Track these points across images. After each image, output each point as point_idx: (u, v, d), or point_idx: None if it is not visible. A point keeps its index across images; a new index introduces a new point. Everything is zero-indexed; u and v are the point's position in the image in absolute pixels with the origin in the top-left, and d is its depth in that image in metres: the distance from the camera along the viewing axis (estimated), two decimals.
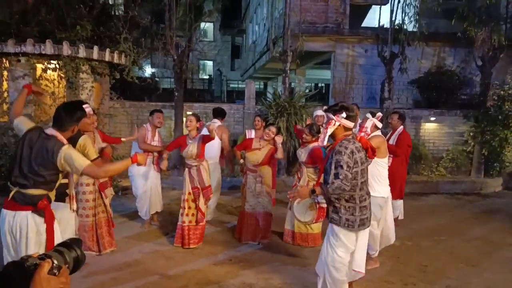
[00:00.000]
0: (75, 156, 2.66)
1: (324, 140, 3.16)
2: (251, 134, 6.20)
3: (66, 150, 2.65)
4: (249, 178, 5.09)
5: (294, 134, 8.65)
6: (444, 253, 5.17)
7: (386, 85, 9.60)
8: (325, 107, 6.38)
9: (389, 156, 5.24)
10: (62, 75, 7.35)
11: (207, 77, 28.13)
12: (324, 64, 14.41)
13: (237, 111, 10.32)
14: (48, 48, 7.02)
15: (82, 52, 7.31)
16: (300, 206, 3.39)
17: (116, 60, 8.07)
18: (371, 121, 4.21)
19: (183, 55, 9.30)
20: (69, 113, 2.76)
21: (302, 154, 4.96)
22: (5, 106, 7.58)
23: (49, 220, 2.71)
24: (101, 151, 4.09)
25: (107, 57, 7.84)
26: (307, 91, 13.33)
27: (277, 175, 9.06)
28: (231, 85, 28.39)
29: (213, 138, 4.69)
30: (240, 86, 26.63)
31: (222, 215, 6.49)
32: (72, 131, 2.79)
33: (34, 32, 7.39)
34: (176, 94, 9.34)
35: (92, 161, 3.23)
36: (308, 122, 5.27)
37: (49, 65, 7.30)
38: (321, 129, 6.15)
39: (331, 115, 3.16)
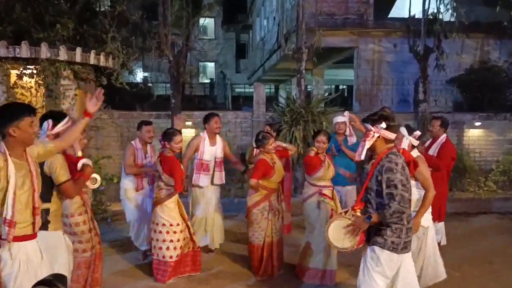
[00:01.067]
0: None
1: (361, 154, 3.26)
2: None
3: None
4: (273, 199, 5.08)
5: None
6: (497, 285, 5.04)
7: (421, 85, 9.54)
8: (346, 113, 6.40)
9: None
10: (40, 81, 7.43)
11: (208, 81, 28.34)
12: (346, 62, 14.39)
13: (245, 120, 10.32)
14: (24, 50, 7.11)
15: (63, 55, 7.40)
16: (336, 230, 3.36)
17: (102, 63, 8.14)
18: (407, 140, 4.21)
19: (180, 55, 9.37)
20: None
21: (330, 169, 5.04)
22: None
23: None
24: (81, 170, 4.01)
25: (92, 60, 7.92)
26: (326, 94, 13.27)
27: (293, 194, 9.00)
28: (237, 90, 28.54)
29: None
30: (247, 90, 26.74)
31: (230, 243, 6.43)
32: (11, 136, 2.82)
33: (7, 32, 7.50)
34: (173, 101, 9.38)
35: (61, 184, 3.31)
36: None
37: (25, 71, 7.40)
38: (348, 138, 6.18)
39: (369, 126, 3.27)
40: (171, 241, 4.81)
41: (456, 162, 8.87)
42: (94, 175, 3.80)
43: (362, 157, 3.28)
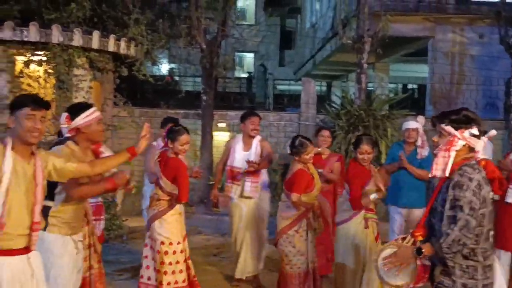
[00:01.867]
0: None
1: (447, 169, 3.01)
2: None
3: None
4: (310, 216, 5.00)
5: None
6: None
7: None
8: (421, 118, 6.22)
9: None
10: (50, 70, 7.63)
11: (245, 75, 28.48)
12: (418, 55, 14.12)
13: (290, 123, 10.27)
14: (33, 33, 7.32)
15: (77, 39, 7.57)
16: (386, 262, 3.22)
17: (123, 51, 8.29)
18: (482, 143, 4.03)
19: (214, 44, 9.43)
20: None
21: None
22: None
23: None
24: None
25: (111, 47, 8.07)
26: (391, 94, 13.03)
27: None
28: (280, 87, 28.51)
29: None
30: (292, 88, 26.65)
31: (269, 273, 6.36)
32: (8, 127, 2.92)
33: (14, 12, 7.74)
34: (204, 98, 9.45)
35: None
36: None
37: (33, 57, 7.61)
38: (418, 150, 6.02)
39: (452, 130, 3.04)
40: (170, 263, 4.72)
41: None
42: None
43: (447, 173, 3.01)
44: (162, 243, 4.74)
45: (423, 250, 2.98)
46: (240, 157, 5.73)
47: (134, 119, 9.62)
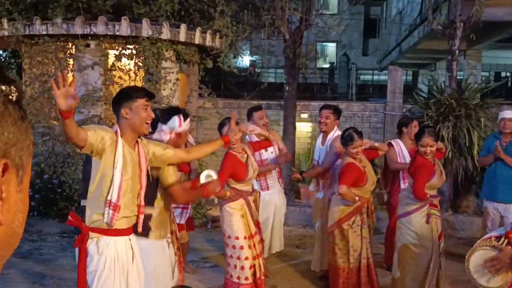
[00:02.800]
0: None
1: None
2: (400, 148, 5.94)
3: None
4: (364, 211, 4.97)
5: (465, 149, 8.14)
6: None
7: None
8: None
9: None
10: (140, 63, 7.95)
11: (327, 65, 28.24)
12: None
13: (375, 113, 10.09)
14: (124, 28, 7.66)
15: (166, 33, 7.82)
16: (478, 262, 3.08)
17: (208, 43, 8.48)
18: None
19: (297, 34, 9.40)
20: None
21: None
22: None
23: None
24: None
25: (197, 39, 8.28)
26: (483, 83, 12.37)
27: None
28: (363, 77, 28.02)
29: None
30: (375, 78, 26.12)
31: None
32: (124, 118, 3.16)
33: (107, 6, 8.11)
34: (287, 88, 9.46)
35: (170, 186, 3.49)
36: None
37: (124, 51, 7.96)
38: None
39: None
40: (238, 258, 4.66)
41: None
42: (209, 172, 3.83)
43: None
44: (229, 237, 4.70)
45: None
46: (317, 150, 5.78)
47: (218, 110, 9.81)
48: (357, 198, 4.75)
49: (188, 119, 3.92)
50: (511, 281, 2.99)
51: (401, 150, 5.88)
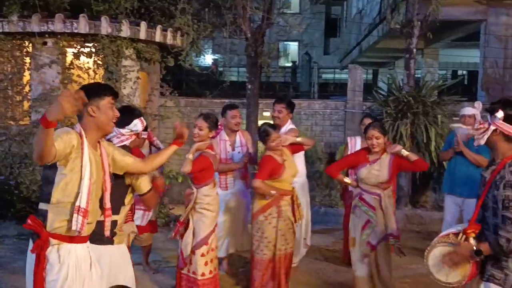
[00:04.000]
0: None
1: (481, 140, 3.02)
2: (355, 143, 6.10)
3: None
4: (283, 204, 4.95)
5: (423, 145, 8.32)
6: None
7: None
8: (478, 103, 6.09)
9: None
10: (99, 62, 7.83)
11: (290, 64, 28.39)
12: (468, 40, 13.76)
13: (335, 111, 10.20)
14: (82, 25, 7.53)
15: (125, 31, 7.73)
16: (437, 259, 3.16)
17: (169, 41, 8.42)
18: None
19: (259, 32, 9.43)
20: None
21: (376, 173, 4.71)
22: (26, 105, 8.25)
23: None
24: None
25: (157, 37, 8.21)
26: (440, 81, 12.64)
27: (397, 206, 8.76)
28: (325, 75, 28.30)
29: None
30: (337, 76, 26.41)
31: (315, 262, 6.38)
32: (90, 115, 2.97)
33: (64, 4, 7.96)
34: (249, 87, 9.47)
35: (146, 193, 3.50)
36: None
37: (83, 49, 7.82)
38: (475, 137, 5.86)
39: (487, 115, 3.02)
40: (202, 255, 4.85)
41: None
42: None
43: (482, 142, 3.02)
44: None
45: (482, 251, 2.94)
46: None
47: (180, 109, 9.76)
48: (273, 192, 4.80)
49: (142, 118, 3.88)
50: (470, 275, 3.07)
51: (354, 147, 6.05)
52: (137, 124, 3.77)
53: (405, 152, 4.66)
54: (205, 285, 4.74)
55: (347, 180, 5.08)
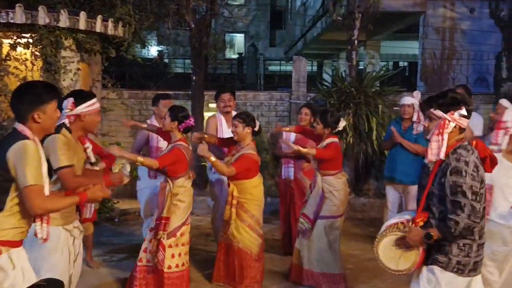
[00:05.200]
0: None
1: (441, 152, 3.06)
2: (289, 134, 6.24)
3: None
4: None
5: (365, 135, 8.51)
6: None
7: (504, 60, 9.28)
8: (417, 93, 6.27)
9: None
10: (37, 53, 7.57)
11: (236, 56, 28.38)
12: (408, 32, 14.12)
13: (281, 102, 10.27)
14: (18, 15, 7.24)
15: (64, 21, 7.50)
16: (389, 247, 3.25)
17: (110, 31, 8.23)
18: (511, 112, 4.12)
19: (203, 23, 9.38)
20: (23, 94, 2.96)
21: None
22: None
23: None
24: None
25: (98, 27, 8.01)
26: (382, 72, 12.97)
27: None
28: (271, 67, 28.46)
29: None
30: (283, 68, 26.61)
31: None
32: (35, 122, 2.91)
33: None
34: (194, 78, 9.42)
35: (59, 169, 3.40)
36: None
37: (19, 40, 7.54)
38: (414, 125, 6.07)
39: (441, 114, 3.09)
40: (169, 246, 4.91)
41: None
42: (123, 163, 3.86)
43: (442, 156, 3.06)
44: None
45: (432, 234, 3.05)
46: (228, 133, 5.89)
47: (124, 101, 9.61)
48: None
49: (90, 101, 3.67)
50: (419, 262, 3.18)
51: (288, 137, 6.20)
52: (65, 103, 3.63)
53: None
54: (171, 279, 4.68)
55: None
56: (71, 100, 3.62)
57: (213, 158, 4.69)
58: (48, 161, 3.24)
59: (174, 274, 4.70)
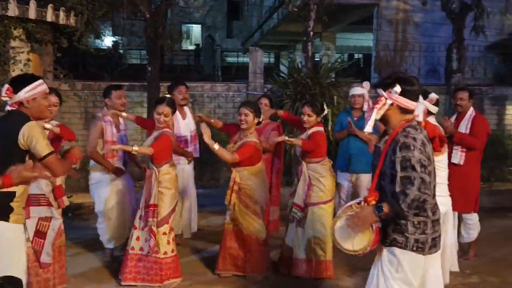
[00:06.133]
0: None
1: (369, 125, 3.22)
2: None
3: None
4: None
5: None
6: None
7: (454, 52, 9.51)
8: (366, 83, 6.38)
9: (461, 151, 5.49)
10: None
11: (193, 47, 28.18)
12: (363, 24, 14.31)
13: (238, 93, 10.28)
14: None
15: (13, 10, 7.28)
16: (344, 228, 3.30)
17: (62, 21, 8.04)
18: (422, 106, 4.23)
19: (159, 13, 9.27)
20: None
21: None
22: None
23: None
24: (66, 153, 3.97)
25: (49, 17, 7.81)
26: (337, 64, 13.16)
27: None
28: (229, 59, 28.40)
29: None
30: (240, 59, 26.61)
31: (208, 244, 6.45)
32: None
33: None
34: (149, 69, 9.31)
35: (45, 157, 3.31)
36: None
37: None
38: (366, 115, 6.17)
39: (381, 91, 3.21)
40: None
41: (496, 147, 8.96)
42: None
43: (370, 129, 3.23)
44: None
45: (382, 206, 3.11)
46: (183, 125, 5.96)
47: (76, 92, 9.44)
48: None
49: (32, 85, 3.39)
50: (373, 242, 3.24)
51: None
52: (3, 88, 3.49)
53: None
54: (167, 264, 4.84)
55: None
56: (6, 86, 3.40)
57: (216, 146, 4.74)
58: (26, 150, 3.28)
59: (169, 259, 4.87)
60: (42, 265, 4.46)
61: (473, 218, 5.71)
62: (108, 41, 20.95)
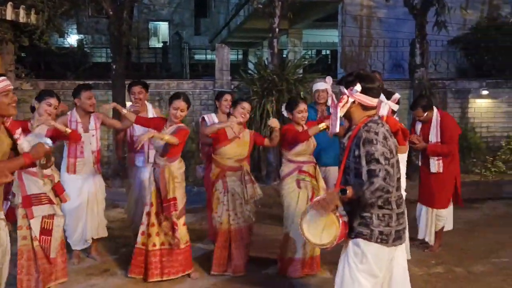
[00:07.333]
0: None
1: (336, 125, 3.27)
2: (211, 119, 6.14)
3: None
4: (231, 180, 5.22)
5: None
6: (507, 281, 5.16)
7: (417, 47, 9.62)
8: (329, 78, 6.42)
9: (437, 160, 5.71)
10: None
11: (160, 45, 27.91)
12: (329, 20, 14.38)
13: (205, 91, 10.22)
14: None
15: None
16: (312, 223, 3.31)
17: (22, 19, 7.88)
18: (386, 106, 4.28)
19: (123, 10, 9.13)
20: None
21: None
22: None
23: None
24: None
25: (8, 15, 7.65)
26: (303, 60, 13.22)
27: (267, 181, 9.03)
28: (197, 56, 28.23)
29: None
30: (208, 57, 26.48)
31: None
32: None
33: None
34: (114, 67, 9.17)
35: None
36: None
37: None
38: (331, 109, 6.19)
39: (343, 89, 3.27)
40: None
41: (459, 140, 9.12)
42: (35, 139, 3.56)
43: (337, 129, 3.28)
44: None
45: (346, 189, 3.16)
46: (137, 126, 5.79)
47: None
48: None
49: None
50: (340, 235, 3.25)
51: (213, 123, 6.11)
52: None
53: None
54: (187, 252, 5.08)
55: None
56: None
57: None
58: None
59: (188, 247, 5.11)
60: (51, 260, 4.65)
61: (444, 212, 5.88)
62: (73, 39, 20.63)
